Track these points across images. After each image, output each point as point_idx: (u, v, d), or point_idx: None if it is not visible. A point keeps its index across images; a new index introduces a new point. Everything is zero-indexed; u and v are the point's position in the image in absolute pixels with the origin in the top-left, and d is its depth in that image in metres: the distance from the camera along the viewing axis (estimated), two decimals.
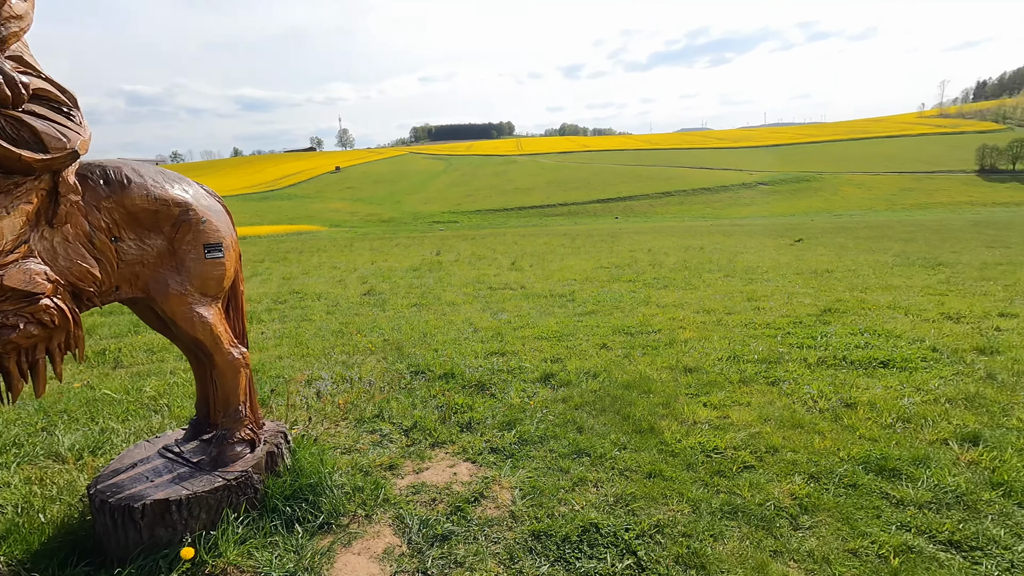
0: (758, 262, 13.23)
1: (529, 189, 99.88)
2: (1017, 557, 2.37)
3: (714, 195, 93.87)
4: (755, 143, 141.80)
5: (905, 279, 9.96)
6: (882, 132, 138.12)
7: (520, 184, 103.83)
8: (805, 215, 71.57)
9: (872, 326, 6.14)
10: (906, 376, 4.55)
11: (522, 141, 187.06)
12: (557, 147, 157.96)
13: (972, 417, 3.70)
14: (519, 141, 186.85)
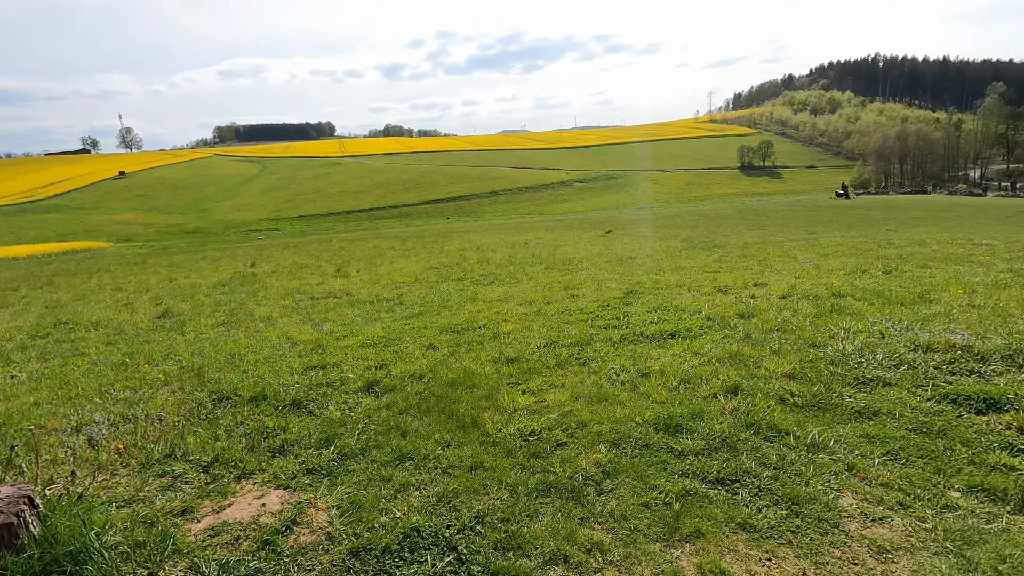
0: (575, 253, 14.39)
1: (357, 192, 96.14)
2: (763, 483, 2.88)
3: (537, 193, 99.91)
4: (569, 144, 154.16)
5: (689, 260, 11.62)
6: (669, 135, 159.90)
7: (347, 187, 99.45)
8: (615, 209, 79.80)
9: (664, 303, 7.04)
10: (688, 343, 5.30)
11: (345, 142, 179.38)
12: (383, 148, 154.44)
13: (734, 372, 4.43)
14: (342, 142, 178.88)
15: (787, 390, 4.00)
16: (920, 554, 2.34)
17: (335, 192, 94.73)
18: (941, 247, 11.67)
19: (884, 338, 5.01)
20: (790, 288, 7.54)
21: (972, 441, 3.17)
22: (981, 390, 3.73)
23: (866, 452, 3.13)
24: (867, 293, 7.00)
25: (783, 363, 4.53)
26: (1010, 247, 11.22)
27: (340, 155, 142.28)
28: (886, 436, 3.29)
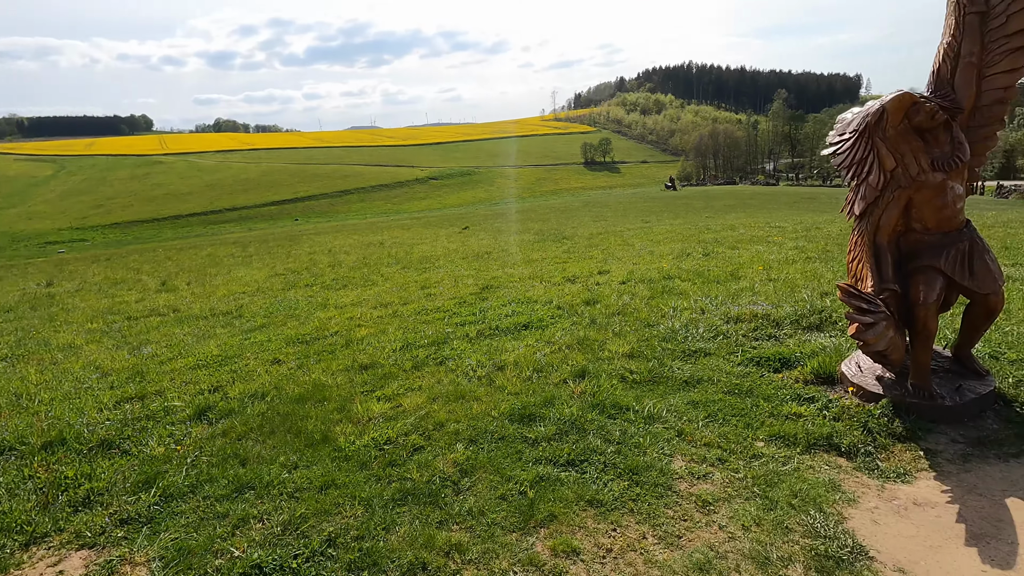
0: (432, 251, 14.28)
1: (186, 194, 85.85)
2: (608, 458, 3.09)
3: (392, 191, 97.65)
4: (421, 141, 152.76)
5: (541, 253, 12.15)
6: (519, 132, 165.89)
7: (172, 189, 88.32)
8: (472, 205, 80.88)
9: (518, 296, 7.27)
10: (540, 333, 5.52)
11: (167, 138, 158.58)
12: (215, 145, 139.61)
13: (581, 356, 4.71)
14: (162, 138, 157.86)
15: (627, 369, 4.34)
16: (735, 501, 2.68)
17: (158, 195, 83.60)
18: (747, 230, 13.55)
19: (704, 313, 5.68)
20: (629, 274, 8.23)
21: (771, 396, 3.72)
22: (777, 351, 4.38)
23: (692, 417, 3.51)
24: (691, 274, 7.89)
25: (624, 344, 4.91)
26: (796, 228, 13.41)
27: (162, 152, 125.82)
28: (708, 400, 3.72)
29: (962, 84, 3.34)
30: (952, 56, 3.39)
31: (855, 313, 3.04)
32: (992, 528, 2.41)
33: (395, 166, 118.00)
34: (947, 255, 3.34)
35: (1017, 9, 3.16)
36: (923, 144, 3.29)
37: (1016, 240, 9.50)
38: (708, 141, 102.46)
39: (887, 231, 3.45)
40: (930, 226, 3.38)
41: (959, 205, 3.35)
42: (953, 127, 3.32)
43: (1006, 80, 3.30)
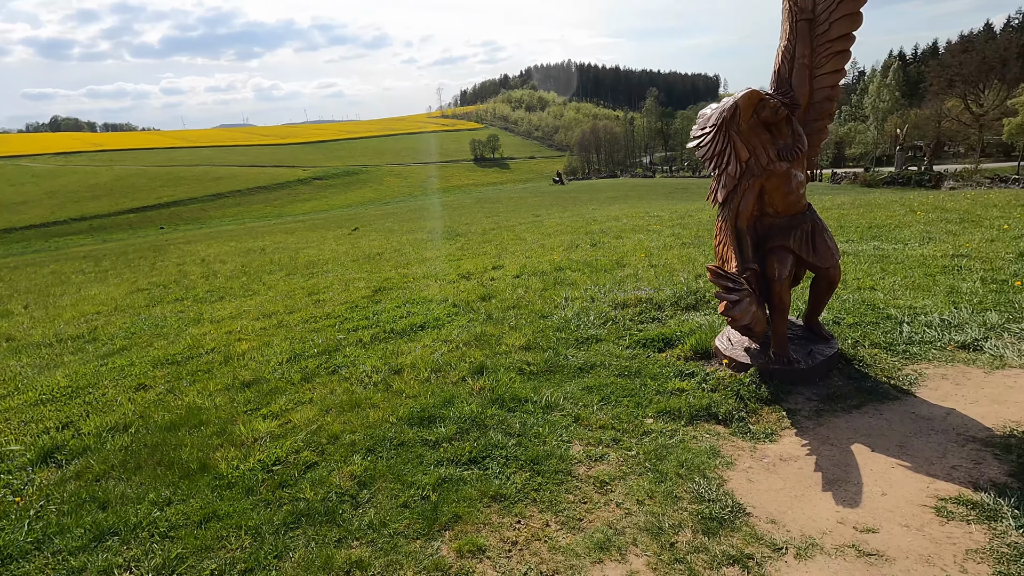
0: (319, 255, 13.57)
1: (19, 204, 74.59)
2: (510, 452, 3.11)
3: (272, 193, 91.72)
4: (302, 139, 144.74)
5: (435, 251, 12.02)
6: (407, 129, 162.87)
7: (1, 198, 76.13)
8: (360, 205, 78.16)
9: (412, 296, 7.11)
10: (437, 332, 5.44)
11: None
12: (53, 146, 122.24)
13: (479, 353, 4.71)
14: None
15: (525, 361, 4.41)
16: (629, 478, 2.81)
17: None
18: (629, 220, 14.37)
19: (594, 301, 5.92)
20: (522, 267, 8.38)
21: (657, 375, 3.96)
22: (660, 332, 4.67)
23: (588, 402, 3.64)
24: (580, 265, 8.21)
25: (520, 337, 4.98)
26: (672, 217, 14.46)
27: None
28: (601, 385, 3.88)
29: (798, 83, 3.76)
30: (789, 58, 3.80)
31: (723, 292, 3.32)
32: (842, 473, 2.74)
33: (274, 166, 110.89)
34: (794, 235, 3.75)
35: (838, 18, 3.60)
36: (770, 136, 3.66)
37: (848, 220, 10.97)
38: (590, 137, 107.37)
39: (746, 216, 3.79)
40: (780, 210, 3.78)
41: (802, 191, 3.77)
42: (793, 121, 3.73)
43: (832, 79, 3.75)
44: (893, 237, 8.64)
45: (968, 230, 8.78)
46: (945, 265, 6.29)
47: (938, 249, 7.27)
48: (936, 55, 77.58)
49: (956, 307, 4.79)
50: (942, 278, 5.81)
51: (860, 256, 7.20)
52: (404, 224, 25.10)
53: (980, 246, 7.28)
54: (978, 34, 74.69)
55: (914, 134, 56.63)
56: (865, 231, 9.45)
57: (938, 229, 9.01)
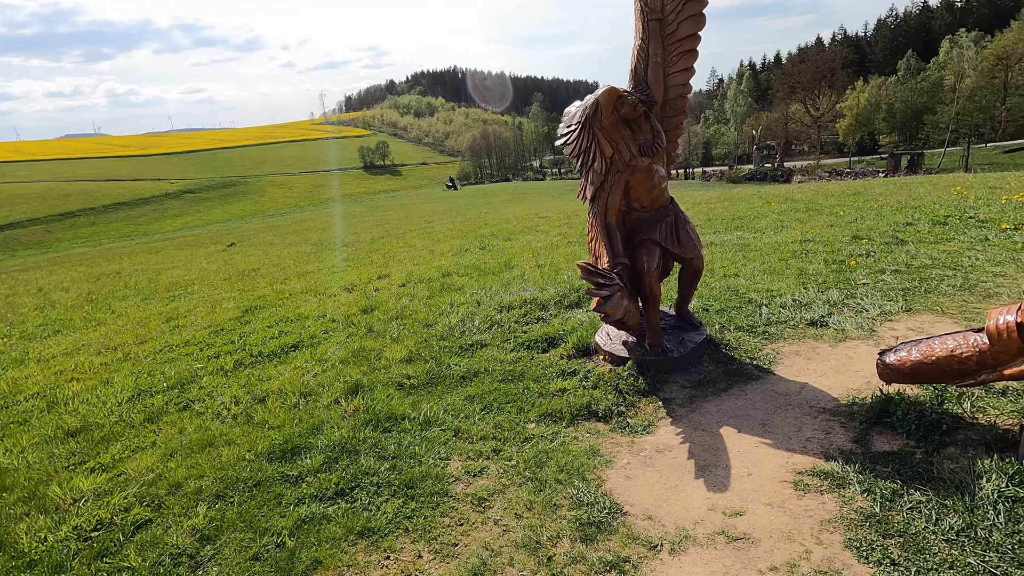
0: (185, 275, 12.27)
1: None
2: (382, 478, 2.85)
3: (135, 209, 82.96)
4: (168, 150, 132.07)
5: (318, 263, 11.30)
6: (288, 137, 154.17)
7: None
8: (240, 219, 72.75)
9: (287, 314, 6.54)
10: (311, 352, 5.01)
11: None
12: None
13: (356, 370, 4.37)
14: None
15: (405, 375, 4.15)
16: (509, 491, 2.67)
17: None
18: (519, 222, 14.51)
19: (480, 305, 5.79)
20: (408, 275, 8.06)
21: (540, 376, 3.89)
22: (544, 332, 4.63)
23: (470, 412, 3.46)
24: (468, 269, 8.06)
25: (402, 349, 4.71)
26: (559, 216, 14.81)
27: None
28: (484, 392, 3.73)
29: (653, 81, 3.86)
30: (644, 57, 3.89)
31: (594, 289, 3.30)
32: (712, 458, 2.80)
33: (135, 180, 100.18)
34: (660, 228, 3.85)
35: (684, 18, 3.74)
36: (631, 133, 3.72)
37: (715, 213, 11.85)
38: (481, 142, 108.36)
39: (614, 211, 3.83)
40: (645, 204, 3.85)
41: (664, 184, 3.88)
42: (651, 117, 3.82)
43: (684, 77, 3.90)
44: (753, 227, 9.42)
45: (812, 218, 9.79)
46: (795, 250, 6.92)
47: (789, 236, 8.00)
48: (780, 65, 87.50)
49: (805, 288, 5.23)
50: (793, 262, 6.36)
51: (726, 245, 7.73)
52: (287, 237, 23.57)
53: (822, 231, 8.12)
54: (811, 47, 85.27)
55: (767, 135, 63.37)
56: (730, 222, 10.23)
57: (789, 218, 9.96)
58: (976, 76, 48.02)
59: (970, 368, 2.40)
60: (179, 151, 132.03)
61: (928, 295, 4.80)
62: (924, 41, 70.54)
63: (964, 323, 4.13)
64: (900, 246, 6.68)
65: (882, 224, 8.19)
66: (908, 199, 10.98)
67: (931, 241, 6.83)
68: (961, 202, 9.67)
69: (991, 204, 9.04)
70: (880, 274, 5.51)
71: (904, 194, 12.15)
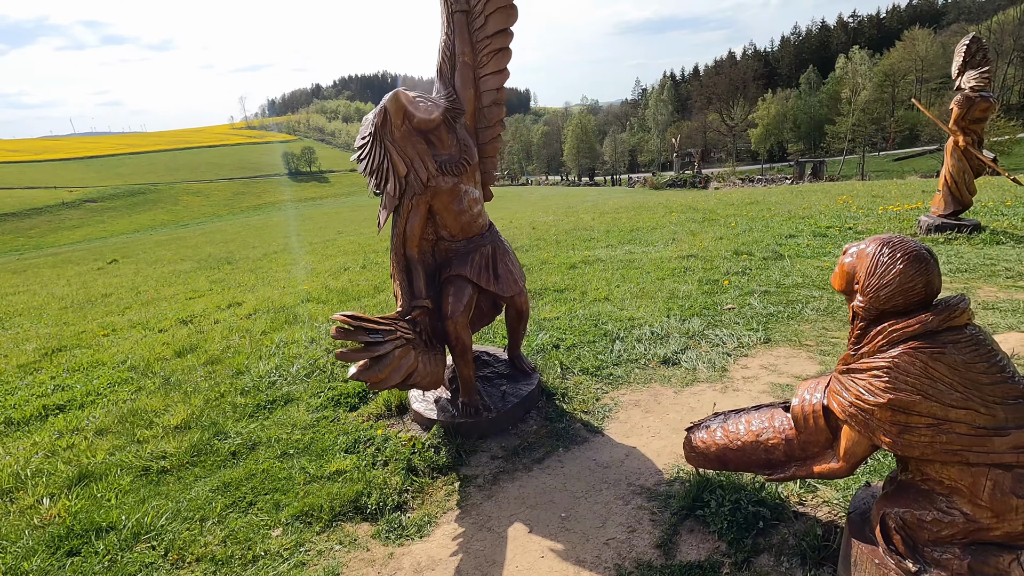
0: (24, 302, 10.57)
1: None
2: None
3: (25, 220, 75.57)
4: (66, 155, 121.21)
5: (180, 286, 10.01)
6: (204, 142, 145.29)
7: None
8: (150, 229, 67.57)
9: (85, 360, 5.41)
10: (73, 416, 3.98)
11: None
12: None
13: (105, 445, 3.43)
14: None
15: (162, 452, 3.26)
16: None
17: None
18: None
19: (313, 343, 4.95)
20: (262, 303, 7.08)
21: (327, 449, 3.12)
22: (357, 385, 3.85)
23: (208, 512, 2.64)
24: (332, 294, 7.18)
25: (184, 411, 3.80)
26: None
27: None
28: (248, 476, 2.92)
29: (461, 85, 3.21)
30: (449, 55, 3.23)
31: (355, 352, 2.55)
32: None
33: (27, 188, 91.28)
34: (472, 262, 3.19)
35: (493, 11, 3.11)
36: (427, 147, 3.04)
37: (617, 224, 11.53)
38: None
39: (414, 241, 3.13)
40: (454, 233, 3.18)
41: (476, 208, 3.22)
42: (457, 128, 3.16)
43: (497, 81, 3.27)
44: (646, 239, 9.09)
45: (706, 228, 9.61)
46: (675, 268, 6.53)
47: (676, 250, 7.67)
48: (698, 77, 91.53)
49: (669, 315, 4.77)
50: (668, 281, 5.95)
51: (610, 263, 7.28)
52: (181, 251, 21.60)
53: (709, 244, 7.85)
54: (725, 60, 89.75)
55: (687, 143, 65.87)
56: (627, 235, 9.89)
57: (684, 229, 9.74)
58: (870, 89, 51.98)
59: (778, 459, 1.86)
60: (80, 156, 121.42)
61: (790, 321, 4.43)
62: (824, 57, 75.82)
63: (818, 357, 3.75)
64: (777, 261, 6.44)
65: (767, 236, 8.04)
66: (799, 208, 11.10)
67: (808, 255, 6.64)
68: (844, 212, 9.79)
69: (870, 214, 9.16)
70: (749, 296, 5.14)
71: (797, 203, 12.35)
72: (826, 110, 58.85)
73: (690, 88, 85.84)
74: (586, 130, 77.30)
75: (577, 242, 9.60)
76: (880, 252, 1.55)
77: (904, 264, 1.50)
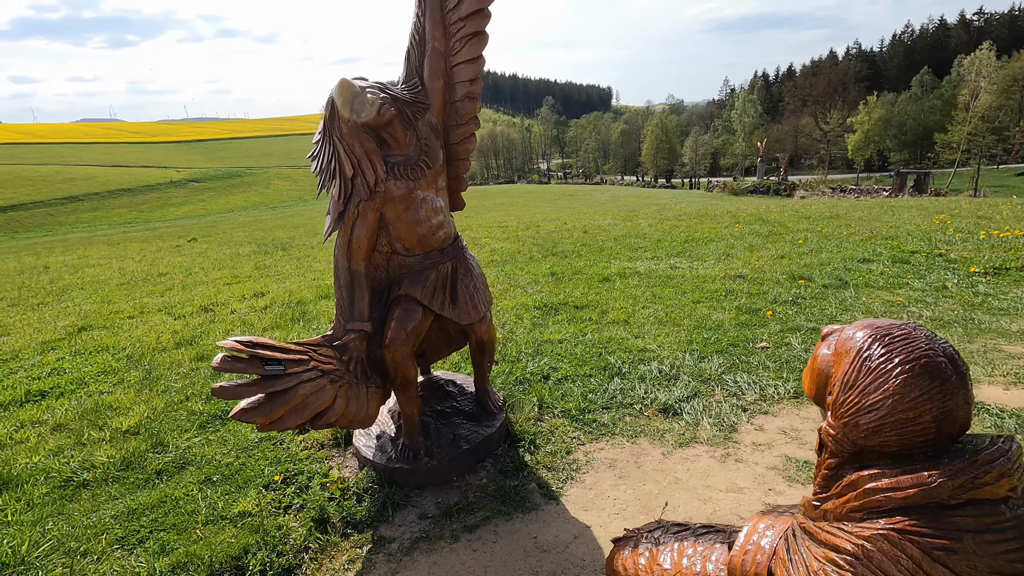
0: (97, 275, 11.26)
1: None
2: None
3: (139, 196, 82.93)
4: (177, 138, 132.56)
5: (225, 271, 10.27)
6: (299, 130, 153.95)
7: None
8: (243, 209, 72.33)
9: (96, 343, 5.47)
10: (40, 406, 3.92)
11: None
12: None
13: (50, 444, 3.28)
14: None
15: (94, 461, 3.06)
16: None
17: None
18: (475, 231, 13.39)
19: None
20: (284, 294, 7.04)
21: (252, 478, 2.77)
22: None
23: (90, 547, 2.36)
24: None
25: (143, 412, 3.63)
26: (516, 227, 13.66)
27: None
28: (157, 502, 2.64)
29: (430, 74, 2.76)
30: (419, 40, 2.78)
31: (243, 385, 2.17)
32: None
33: (142, 167, 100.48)
34: (425, 281, 2.74)
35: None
36: (376, 146, 2.61)
37: (673, 234, 10.68)
38: (488, 142, 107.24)
39: (361, 254, 2.71)
40: (409, 246, 2.74)
41: (436, 219, 2.76)
42: (419, 126, 2.71)
43: (471, 71, 2.80)
44: (697, 253, 8.26)
45: (768, 244, 8.62)
46: (715, 290, 5.76)
47: (725, 268, 6.85)
48: (792, 77, 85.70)
49: (687, 350, 4.09)
50: (703, 306, 5.22)
51: (648, 278, 6.59)
52: (254, 234, 22.64)
53: (765, 264, 6.95)
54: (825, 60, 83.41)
55: (775, 147, 61.81)
56: (679, 246, 9.08)
57: (742, 244, 8.80)
58: (992, 95, 46.29)
59: None
60: (188, 139, 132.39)
61: None
62: (940, 59, 68.63)
63: None
64: (839, 291, 5.51)
65: (836, 259, 7.01)
66: (884, 227, 9.76)
67: (879, 286, 5.65)
68: (938, 234, 8.45)
69: (969, 239, 7.82)
70: (791, 333, 4.35)
71: (884, 220, 10.92)
72: (938, 116, 53.14)
73: (783, 89, 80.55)
74: (667, 130, 74.52)
75: (622, 251, 8.92)
76: (869, 350, 0.95)
77: (906, 377, 0.89)
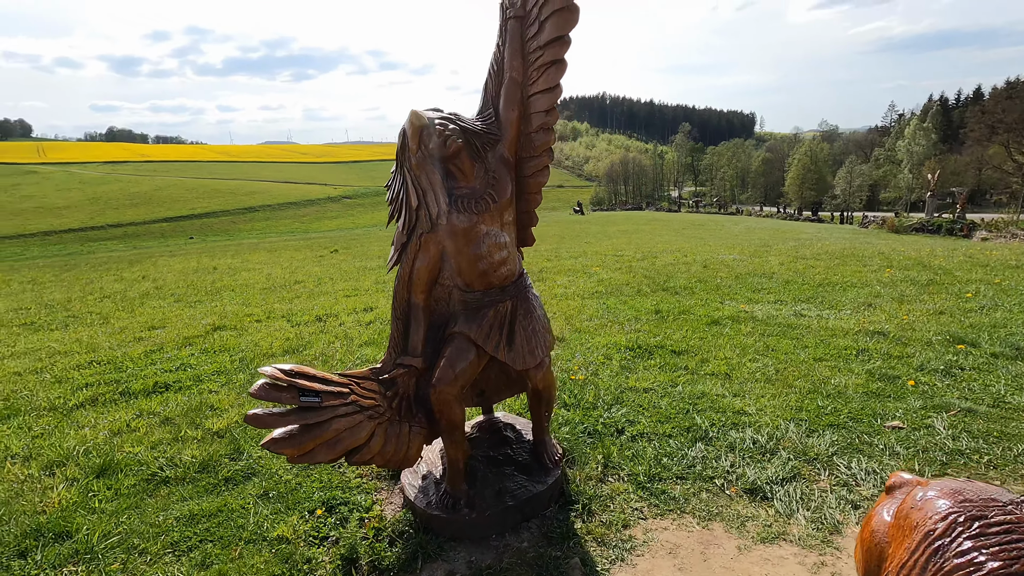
0: (248, 279, 12.80)
1: (62, 208, 78.00)
2: None
3: (302, 209, 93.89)
4: (338, 159, 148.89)
5: (350, 283, 11.07)
6: None
7: (46, 202, 79.94)
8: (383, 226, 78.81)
9: (222, 343, 6.10)
10: (155, 401, 4.40)
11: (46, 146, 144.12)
12: (104, 155, 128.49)
13: (152, 438, 3.64)
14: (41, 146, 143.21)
15: (180, 459, 3.32)
16: None
17: (26, 208, 75.18)
18: (583, 259, 13.16)
19: None
20: (389, 310, 7.33)
21: (300, 502, 2.81)
22: None
23: (147, 547, 2.51)
24: None
25: (233, 415, 3.90)
26: (633, 256, 13.17)
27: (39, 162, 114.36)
28: (215, 511, 2.76)
29: (506, 104, 2.66)
30: (497, 71, 2.71)
31: (278, 414, 2.16)
32: None
33: (307, 183, 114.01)
34: (482, 320, 2.60)
35: (549, 14, 2.52)
36: (443, 179, 2.55)
37: (807, 275, 9.53)
38: (619, 168, 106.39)
39: (421, 287, 2.67)
40: (469, 282, 2.63)
41: (499, 255, 2.62)
42: (488, 158, 2.62)
43: (547, 101, 2.65)
44: (830, 300, 7.26)
45: (924, 295, 7.32)
46: (845, 346, 4.95)
47: (863, 321, 5.89)
48: (979, 101, 74.03)
49: (794, 417, 3.49)
50: (824, 365, 4.48)
51: (764, 324, 5.88)
52: (387, 249, 24.42)
53: (916, 320, 5.87)
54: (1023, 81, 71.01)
55: (952, 180, 53.62)
56: (810, 290, 8.07)
57: (891, 293, 7.57)
58: None
59: None
60: (347, 160, 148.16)
61: (987, 471, 2.85)
62: None
63: None
64: (1013, 363, 4.43)
65: (1015, 321, 5.72)
66: None
67: None
68: None
69: None
70: (935, 412, 3.53)
71: None
72: None
73: (964, 114, 69.97)
74: (816, 158, 68.27)
75: (742, 291, 8.12)
76: (946, 536, 0.61)
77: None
